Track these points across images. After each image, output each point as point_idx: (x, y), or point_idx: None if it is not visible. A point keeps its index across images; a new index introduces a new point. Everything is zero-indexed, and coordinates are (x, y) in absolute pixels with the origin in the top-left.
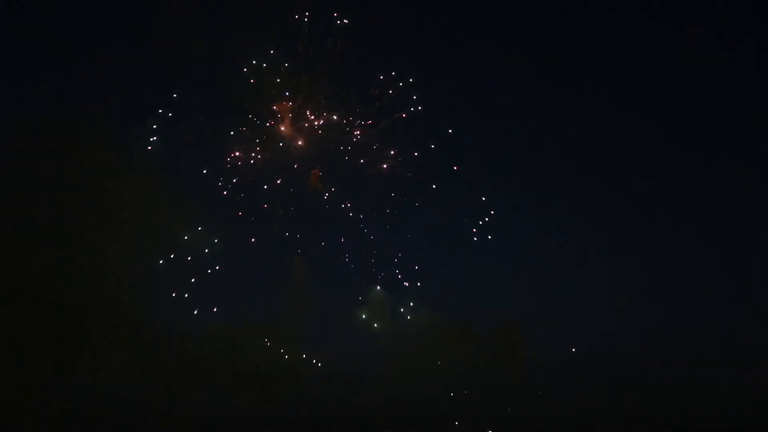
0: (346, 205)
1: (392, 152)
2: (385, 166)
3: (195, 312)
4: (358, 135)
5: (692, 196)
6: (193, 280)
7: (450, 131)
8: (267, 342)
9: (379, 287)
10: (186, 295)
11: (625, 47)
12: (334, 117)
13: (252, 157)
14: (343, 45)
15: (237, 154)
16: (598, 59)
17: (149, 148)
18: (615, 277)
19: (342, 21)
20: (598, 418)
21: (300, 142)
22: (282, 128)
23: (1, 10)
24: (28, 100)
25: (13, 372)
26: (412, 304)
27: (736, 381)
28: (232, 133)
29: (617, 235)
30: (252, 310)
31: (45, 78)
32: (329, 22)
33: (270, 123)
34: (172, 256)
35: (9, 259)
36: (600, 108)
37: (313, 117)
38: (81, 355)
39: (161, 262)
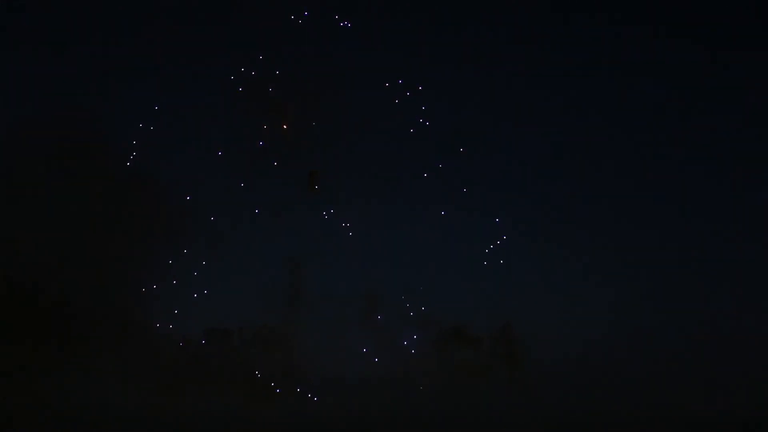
0: (346, 225)
1: (396, 166)
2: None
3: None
4: (359, 144)
5: (691, 198)
6: (176, 312)
7: (461, 150)
8: (265, 346)
9: (380, 316)
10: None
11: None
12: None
13: (246, 164)
14: (345, 49)
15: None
16: (608, 76)
17: (127, 164)
18: (614, 278)
19: (344, 23)
20: (598, 419)
21: (298, 147)
22: (279, 133)
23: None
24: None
25: (12, 374)
26: (415, 337)
27: (736, 383)
28: (220, 153)
29: (617, 236)
30: (251, 314)
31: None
32: (330, 24)
33: (265, 128)
34: (154, 287)
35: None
36: (602, 113)
37: (311, 125)
38: (79, 359)
39: (143, 290)
